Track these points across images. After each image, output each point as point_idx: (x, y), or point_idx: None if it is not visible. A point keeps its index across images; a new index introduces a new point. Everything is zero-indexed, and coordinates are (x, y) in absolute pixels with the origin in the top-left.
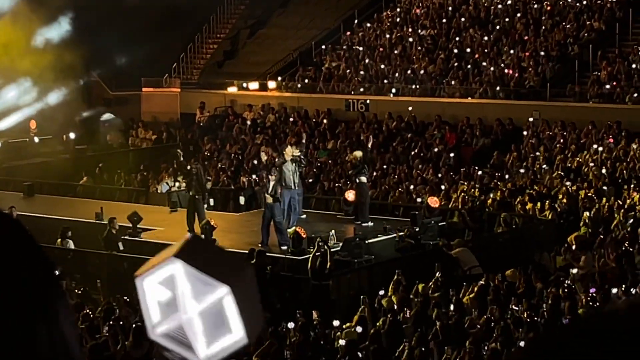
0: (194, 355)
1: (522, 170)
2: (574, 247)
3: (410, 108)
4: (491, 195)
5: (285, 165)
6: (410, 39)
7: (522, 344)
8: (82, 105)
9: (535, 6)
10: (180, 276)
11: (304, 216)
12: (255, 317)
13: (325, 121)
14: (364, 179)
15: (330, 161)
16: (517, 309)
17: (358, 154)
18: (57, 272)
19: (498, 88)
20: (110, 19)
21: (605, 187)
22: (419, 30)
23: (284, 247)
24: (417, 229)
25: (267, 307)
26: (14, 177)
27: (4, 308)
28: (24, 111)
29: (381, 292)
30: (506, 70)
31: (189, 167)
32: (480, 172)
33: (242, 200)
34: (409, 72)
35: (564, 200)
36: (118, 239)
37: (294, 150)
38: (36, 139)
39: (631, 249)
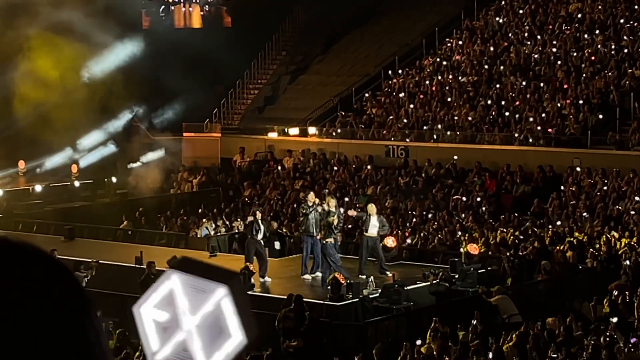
0: None
1: (562, 219)
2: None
3: (455, 157)
4: (533, 242)
5: (312, 212)
6: (449, 87)
7: None
8: (124, 150)
9: (576, 54)
10: (177, 289)
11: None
12: (251, 319)
13: (369, 167)
14: (366, 233)
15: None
16: (556, 356)
17: (372, 208)
18: (98, 313)
19: (535, 136)
20: (153, 64)
21: None
22: (460, 77)
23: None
24: (453, 274)
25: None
26: (55, 221)
27: (42, 340)
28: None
29: (418, 342)
30: (544, 117)
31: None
32: (520, 220)
33: (277, 245)
34: (449, 118)
35: (605, 249)
36: None
37: (315, 199)
38: (77, 183)
39: None
